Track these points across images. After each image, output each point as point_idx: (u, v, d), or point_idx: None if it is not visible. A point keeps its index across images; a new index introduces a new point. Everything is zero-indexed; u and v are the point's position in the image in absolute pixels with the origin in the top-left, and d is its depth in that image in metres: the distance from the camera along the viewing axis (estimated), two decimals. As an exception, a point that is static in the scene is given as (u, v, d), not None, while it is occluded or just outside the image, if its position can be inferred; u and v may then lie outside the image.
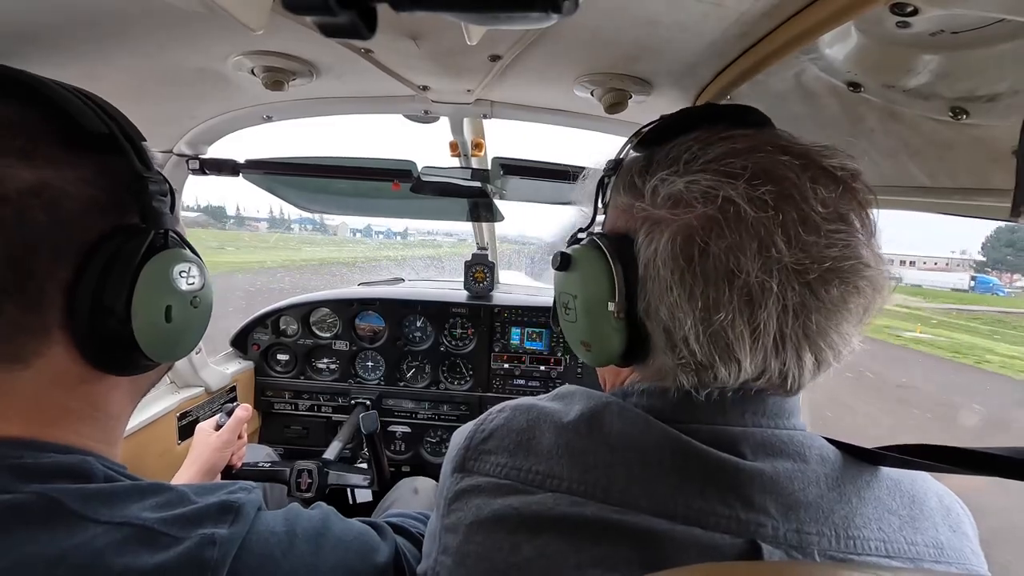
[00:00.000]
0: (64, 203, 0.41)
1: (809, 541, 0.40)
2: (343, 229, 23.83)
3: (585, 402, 0.49)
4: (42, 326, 0.42)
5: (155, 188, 0.47)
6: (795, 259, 0.40)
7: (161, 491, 0.44)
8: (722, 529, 0.40)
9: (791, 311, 0.41)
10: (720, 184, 0.41)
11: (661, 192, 0.45)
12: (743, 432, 0.45)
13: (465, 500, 0.46)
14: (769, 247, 0.40)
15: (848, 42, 0.53)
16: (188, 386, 1.48)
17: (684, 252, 0.42)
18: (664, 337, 0.45)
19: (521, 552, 0.41)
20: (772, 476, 0.42)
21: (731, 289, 0.41)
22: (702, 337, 0.42)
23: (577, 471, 0.44)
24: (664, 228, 0.44)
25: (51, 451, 0.42)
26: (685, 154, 0.45)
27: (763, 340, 0.41)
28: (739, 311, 0.41)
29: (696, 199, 0.42)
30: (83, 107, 0.43)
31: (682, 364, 0.45)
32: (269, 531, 0.48)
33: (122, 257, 0.44)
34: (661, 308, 0.44)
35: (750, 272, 0.40)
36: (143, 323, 0.45)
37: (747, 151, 0.43)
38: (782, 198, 0.41)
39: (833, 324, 0.42)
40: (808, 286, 0.41)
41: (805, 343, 0.42)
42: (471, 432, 0.51)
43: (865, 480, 0.44)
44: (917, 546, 0.42)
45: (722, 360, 0.43)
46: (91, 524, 0.39)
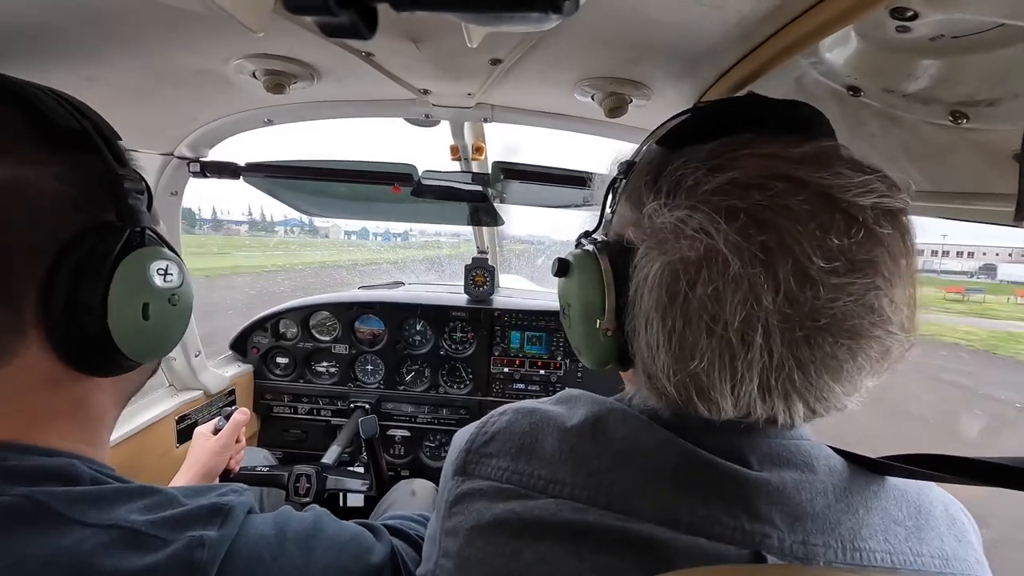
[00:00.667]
0: (39, 200, 0.42)
1: (815, 552, 0.39)
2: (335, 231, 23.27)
3: (589, 407, 0.49)
4: (18, 324, 0.42)
5: (131, 186, 0.47)
6: (782, 315, 0.36)
7: (149, 493, 0.44)
8: (727, 540, 0.39)
9: (775, 364, 0.38)
10: (711, 226, 0.37)
11: (656, 221, 0.42)
12: (750, 442, 0.44)
13: (466, 504, 0.46)
14: (753, 302, 0.37)
15: (848, 46, 0.53)
16: (187, 389, 1.47)
17: (670, 289, 0.40)
18: (642, 365, 0.44)
19: (522, 557, 0.41)
20: (779, 487, 0.41)
21: (710, 336, 0.38)
22: (674, 378, 0.41)
23: (580, 477, 0.43)
24: (655, 258, 0.41)
25: (35, 453, 0.42)
26: (691, 177, 0.41)
27: (746, 387, 0.39)
28: (718, 358, 0.38)
29: (685, 238, 0.39)
30: (56, 106, 0.44)
31: (657, 395, 0.44)
32: (258, 534, 0.48)
33: (97, 254, 0.44)
34: (640, 339, 0.43)
35: (730, 323, 0.37)
36: (120, 321, 0.45)
37: (753, 184, 0.38)
38: (778, 250, 0.36)
39: (829, 378, 0.39)
40: (798, 342, 0.37)
41: (794, 394, 0.39)
42: (473, 435, 0.50)
43: (872, 491, 0.44)
44: (922, 557, 0.42)
45: (700, 400, 0.41)
46: (79, 526, 0.39)
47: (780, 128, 0.43)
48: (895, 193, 0.39)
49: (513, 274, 2.96)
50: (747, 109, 0.46)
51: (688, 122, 0.48)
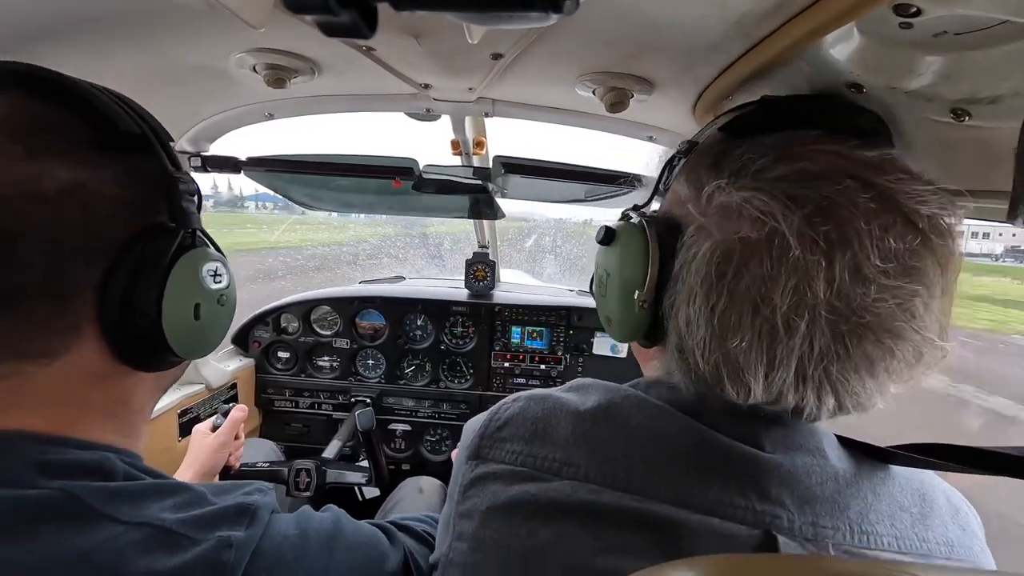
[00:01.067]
0: (98, 203, 0.42)
1: (824, 534, 0.40)
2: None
3: (602, 393, 0.49)
4: (73, 324, 0.42)
5: (184, 188, 0.47)
6: (831, 307, 0.38)
7: (180, 491, 0.45)
8: (738, 520, 0.40)
9: (816, 355, 0.39)
10: (775, 210, 0.38)
11: (716, 200, 0.42)
12: (765, 430, 0.45)
13: (481, 486, 0.46)
14: (806, 289, 0.38)
15: (850, 43, 0.53)
16: (189, 383, 1.48)
17: (719, 268, 0.41)
18: (677, 340, 0.45)
19: (538, 537, 0.41)
20: (790, 470, 0.42)
21: (755, 317, 0.39)
22: (709, 355, 0.42)
23: (596, 460, 0.44)
24: (708, 236, 0.42)
25: (72, 447, 0.42)
26: (758, 161, 0.42)
27: (781, 374, 0.40)
28: (758, 340, 0.39)
29: (747, 219, 0.40)
30: (117, 108, 0.44)
31: (687, 371, 0.45)
32: (282, 535, 0.48)
33: (152, 256, 0.44)
34: (680, 313, 0.44)
35: (778, 307, 0.38)
36: (173, 321, 0.45)
37: (822, 176, 0.39)
38: (839, 242, 0.37)
39: (859, 377, 0.40)
40: (840, 335, 0.38)
41: (828, 386, 0.40)
42: (486, 420, 0.51)
43: (879, 477, 0.45)
44: (928, 543, 0.43)
45: (730, 380, 0.42)
46: (112, 523, 0.39)
47: (845, 131, 0.44)
48: (953, 208, 0.41)
49: (514, 269, 2.96)
50: (816, 108, 0.47)
51: (755, 113, 0.48)
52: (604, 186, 1.30)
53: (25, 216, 0.38)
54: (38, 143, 0.40)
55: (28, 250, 0.39)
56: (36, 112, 0.41)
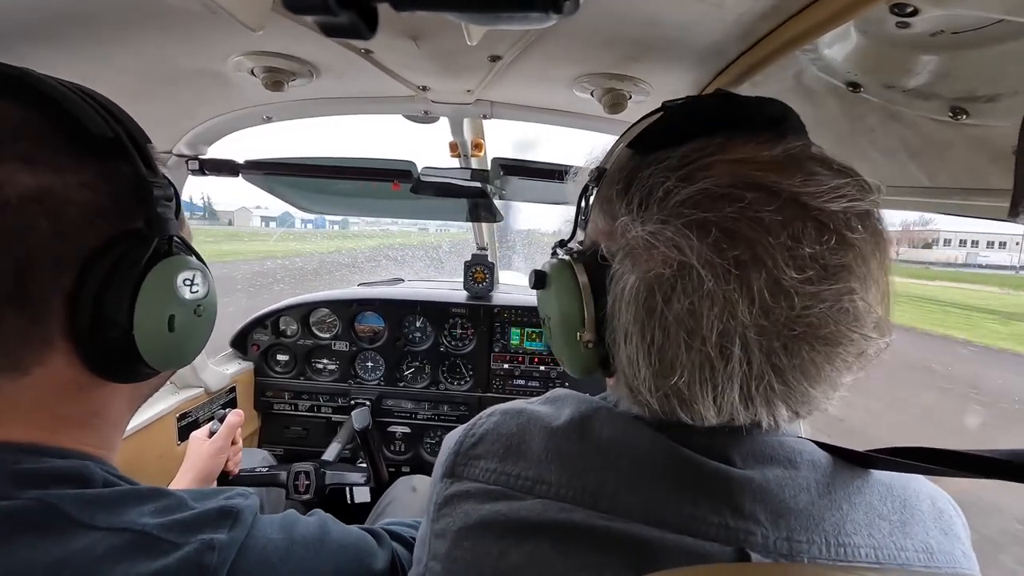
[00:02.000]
0: (66, 210, 0.40)
1: (799, 549, 0.40)
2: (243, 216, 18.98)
3: (575, 406, 0.49)
4: (43, 335, 0.41)
5: (160, 193, 0.46)
6: (758, 327, 0.37)
7: (159, 496, 0.44)
8: (711, 537, 0.40)
9: (755, 374, 0.39)
10: (683, 242, 0.38)
11: (628, 235, 0.42)
12: (734, 441, 0.44)
13: (454, 506, 0.46)
14: (729, 316, 0.37)
15: (848, 42, 0.53)
16: (188, 387, 1.48)
17: (647, 303, 0.40)
18: (623, 377, 0.45)
19: (509, 558, 0.41)
20: (762, 484, 0.41)
21: (689, 351, 0.39)
22: (656, 392, 0.42)
23: (566, 476, 0.43)
24: (631, 270, 0.42)
25: (50, 456, 0.42)
26: (663, 185, 0.41)
27: (727, 397, 0.40)
28: (698, 371, 0.39)
29: (658, 253, 0.39)
30: (88, 109, 0.42)
31: (640, 405, 0.45)
32: (267, 537, 0.48)
33: (125, 265, 0.43)
34: (620, 352, 0.43)
35: (707, 338, 0.38)
36: (145, 332, 0.44)
37: (724, 195, 0.38)
38: (751, 263, 0.37)
39: (804, 386, 0.40)
40: (774, 352, 0.38)
41: (776, 400, 0.40)
42: (460, 437, 0.50)
43: (856, 485, 0.44)
44: (906, 551, 0.42)
45: (682, 410, 0.42)
46: (90, 530, 0.39)
47: (751, 128, 0.43)
48: (865, 195, 0.39)
49: (513, 271, 2.96)
50: (716, 109, 0.45)
51: (658, 125, 0.47)
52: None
53: None
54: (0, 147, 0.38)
55: None
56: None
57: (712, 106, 0.46)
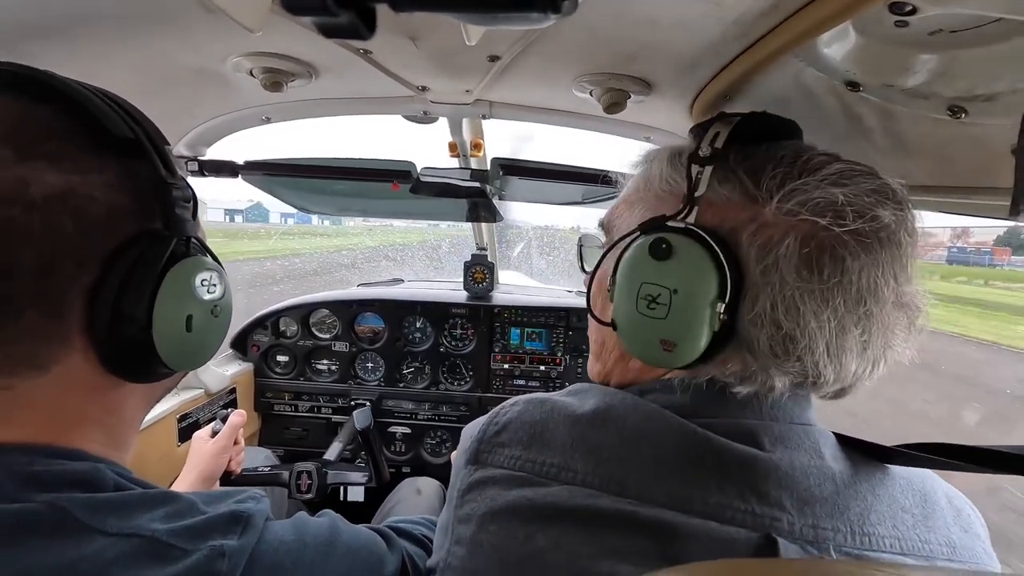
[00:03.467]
0: (89, 209, 0.41)
1: (825, 536, 0.40)
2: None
3: (600, 397, 0.49)
4: (63, 333, 0.41)
5: (179, 194, 0.46)
6: (896, 295, 0.43)
7: (170, 500, 0.44)
8: (738, 523, 0.40)
9: (886, 332, 0.44)
10: (874, 204, 0.42)
11: (796, 197, 0.43)
12: (760, 425, 0.45)
13: (479, 491, 0.46)
14: (899, 276, 0.43)
15: (847, 42, 0.53)
16: (188, 388, 1.48)
17: (817, 263, 0.42)
18: (775, 344, 0.43)
19: (535, 542, 0.41)
20: (788, 471, 0.42)
21: (861, 306, 0.43)
22: (832, 348, 0.43)
23: (592, 464, 0.44)
24: (789, 233, 0.43)
25: (63, 457, 0.41)
26: (800, 162, 0.46)
27: (870, 354, 0.44)
28: (862, 331, 0.43)
29: (846, 212, 0.42)
30: (110, 111, 0.42)
31: (787, 369, 0.44)
32: (279, 541, 0.47)
33: (144, 264, 0.43)
34: (782, 316, 0.43)
35: (881, 293, 0.43)
36: (163, 332, 0.44)
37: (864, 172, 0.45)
38: (911, 227, 0.44)
39: (899, 345, 0.46)
40: (896, 318, 0.44)
41: (882, 359, 0.46)
42: (484, 425, 0.51)
43: (879, 477, 0.44)
44: (930, 544, 0.42)
45: (833, 368, 0.44)
46: (100, 535, 0.38)
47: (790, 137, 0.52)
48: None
49: (512, 271, 2.96)
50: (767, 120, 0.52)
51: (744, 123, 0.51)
52: (603, 187, 1.30)
53: (12, 222, 0.37)
54: (27, 147, 0.38)
55: (15, 257, 0.37)
56: (25, 114, 0.40)
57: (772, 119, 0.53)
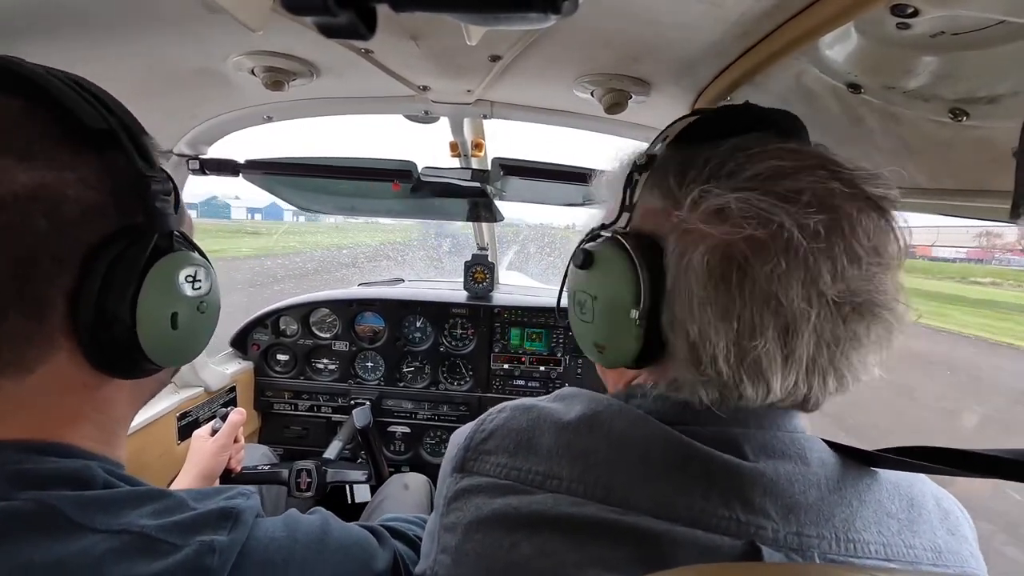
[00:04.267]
0: (64, 206, 0.39)
1: (809, 544, 0.40)
2: None
3: (586, 403, 0.49)
4: (46, 333, 0.41)
5: (158, 187, 0.45)
6: (837, 292, 0.40)
7: (159, 497, 0.44)
8: (722, 531, 0.40)
9: (824, 342, 0.41)
10: (775, 207, 0.40)
11: (703, 204, 0.42)
12: (744, 433, 0.44)
13: (465, 499, 0.46)
14: (816, 278, 0.39)
15: (848, 43, 0.53)
16: (188, 386, 1.48)
17: (723, 271, 0.41)
18: (688, 352, 0.44)
19: (520, 550, 0.41)
20: (773, 478, 0.42)
21: (773, 316, 0.40)
22: (733, 360, 0.42)
23: (577, 471, 0.44)
24: (700, 241, 0.42)
25: (53, 455, 0.41)
26: (728, 164, 0.43)
27: (795, 367, 0.41)
28: (777, 338, 0.41)
29: (746, 218, 0.40)
30: (82, 101, 0.41)
31: (705, 381, 0.44)
32: (269, 537, 0.47)
33: (125, 262, 0.42)
34: (690, 324, 0.43)
35: (793, 301, 0.39)
36: (148, 330, 0.44)
37: (796, 171, 0.41)
38: (833, 229, 0.40)
39: (858, 355, 0.42)
40: (842, 319, 0.40)
41: (831, 370, 0.42)
42: (471, 432, 0.51)
43: (865, 483, 0.44)
44: (915, 549, 0.42)
45: (751, 382, 0.42)
46: (88, 532, 0.38)
47: (777, 132, 0.47)
48: (894, 187, 0.43)
49: (513, 271, 2.96)
50: (747, 115, 0.49)
51: (701, 122, 0.49)
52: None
53: None
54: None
55: None
56: None
57: (743, 112, 0.50)
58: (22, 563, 0.36)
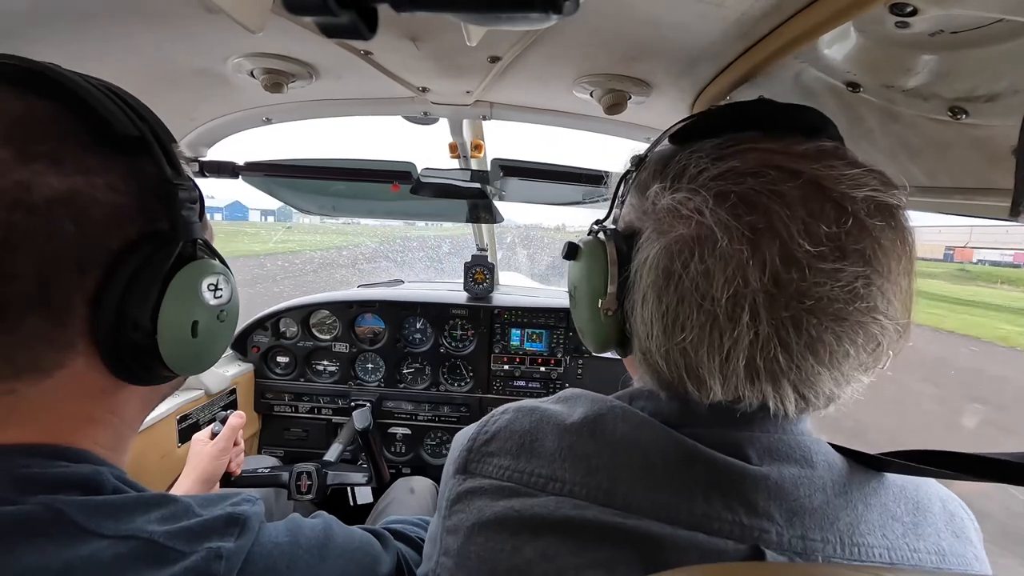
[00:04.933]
0: (92, 212, 0.39)
1: (814, 548, 0.40)
2: None
3: (589, 405, 0.49)
4: (66, 338, 0.40)
5: (185, 195, 0.45)
6: (768, 295, 0.38)
7: (166, 503, 0.43)
8: (725, 534, 0.40)
9: (761, 343, 0.39)
10: (704, 207, 0.40)
11: (659, 204, 0.44)
12: (749, 436, 0.44)
13: (467, 502, 0.46)
14: (741, 279, 0.38)
15: (847, 42, 0.53)
16: (188, 389, 1.48)
17: (666, 269, 0.42)
18: (639, 345, 0.46)
19: (522, 554, 0.41)
20: (777, 482, 0.41)
21: (699, 312, 0.40)
22: (666, 353, 0.43)
23: (580, 474, 0.44)
24: (656, 238, 0.44)
25: (64, 459, 0.41)
26: (695, 164, 0.43)
27: (733, 366, 0.40)
28: (707, 334, 0.40)
29: (682, 218, 0.42)
30: (114, 107, 0.41)
31: (652, 375, 0.46)
32: (273, 543, 0.47)
33: (149, 268, 0.42)
34: (637, 316, 0.45)
35: (717, 299, 0.39)
36: (169, 338, 0.44)
37: (749, 172, 0.40)
38: (766, 231, 0.38)
39: (814, 361, 0.39)
40: (783, 321, 0.38)
41: (781, 377, 0.40)
42: (474, 434, 0.51)
43: (871, 487, 0.44)
44: (919, 553, 0.42)
45: (689, 378, 0.42)
46: (96, 538, 0.38)
47: (787, 131, 0.44)
48: (888, 189, 0.40)
49: (513, 271, 2.96)
50: (756, 111, 0.47)
51: (698, 120, 0.49)
52: (602, 188, 1.30)
53: (13, 227, 0.36)
54: (27, 147, 0.37)
55: (17, 262, 0.36)
56: (26, 111, 0.38)
57: (752, 108, 0.48)
58: (31, 568, 0.35)
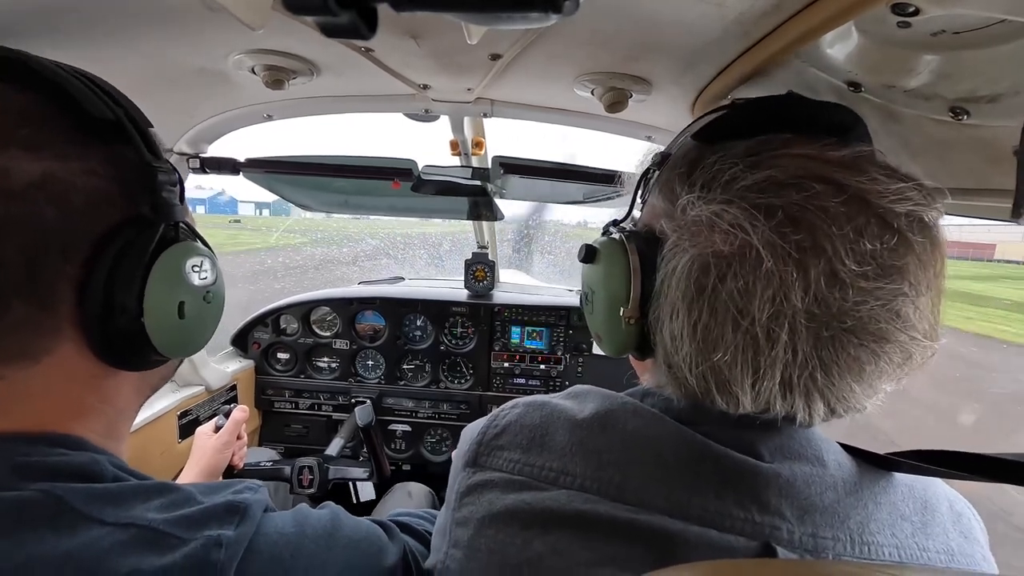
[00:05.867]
0: (71, 196, 0.40)
1: (824, 545, 0.40)
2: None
3: (600, 401, 0.49)
4: (53, 323, 0.41)
5: (164, 178, 0.45)
6: (809, 315, 0.37)
7: (167, 491, 0.44)
8: (737, 531, 0.40)
9: (799, 363, 0.38)
10: (747, 222, 0.38)
11: (689, 214, 0.42)
12: (761, 436, 0.44)
13: (477, 495, 0.46)
14: (782, 299, 0.37)
15: (849, 42, 0.53)
16: (188, 385, 1.48)
17: (698, 282, 0.41)
18: (664, 354, 0.45)
19: (533, 547, 0.41)
20: (789, 479, 0.42)
21: (736, 330, 0.39)
22: (696, 369, 0.42)
23: (591, 469, 0.44)
24: (687, 249, 0.42)
25: (61, 447, 0.41)
26: (728, 171, 0.41)
27: (767, 384, 0.40)
28: (741, 353, 0.39)
29: (719, 232, 0.40)
30: (89, 93, 0.41)
31: (676, 383, 0.45)
32: (278, 532, 0.47)
33: (133, 251, 0.43)
34: (664, 328, 0.44)
35: (757, 319, 0.38)
36: (156, 320, 0.44)
37: (790, 183, 0.38)
38: (812, 249, 0.37)
39: (846, 382, 0.40)
40: (822, 342, 0.38)
41: (816, 393, 0.40)
42: (484, 427, 0.51)
43: (881, 486, 0.44)
44: (929, 552, 0.42)
45: (719, 392, 0.42)
46: (96, 524, 0.38)
47: (818, 130, 0.43)
48: (930, 203, 0.40)
49: (513, 269, 2.96)
50: (786, 109, 0.46)
51: (725, 118, 0.48)
52: (603, 187, 1.30)
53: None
54: (3, 134, 0.37)
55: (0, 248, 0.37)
56: (1, 98, 0.39)
57: (781, 105, 0.47)
58: (31, 554, 0.36)
